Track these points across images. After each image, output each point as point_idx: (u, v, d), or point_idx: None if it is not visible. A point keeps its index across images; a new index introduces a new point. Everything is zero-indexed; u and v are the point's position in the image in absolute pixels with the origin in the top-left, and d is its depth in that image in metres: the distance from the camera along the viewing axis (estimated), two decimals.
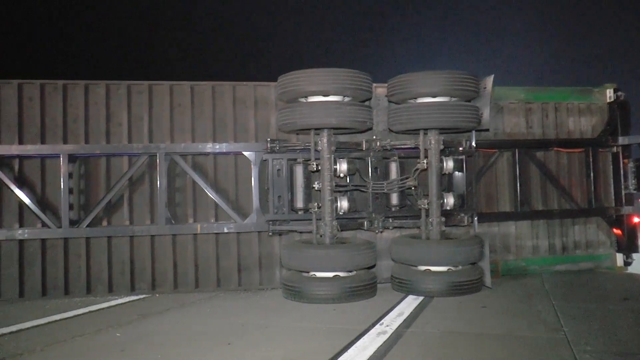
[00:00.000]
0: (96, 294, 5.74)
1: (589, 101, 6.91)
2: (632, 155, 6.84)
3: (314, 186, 5.61)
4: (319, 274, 5.29)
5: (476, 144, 6.05)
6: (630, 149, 6.85)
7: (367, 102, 5.68)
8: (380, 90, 5.99)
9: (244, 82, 5.98)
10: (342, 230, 5.64)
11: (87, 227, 5.69)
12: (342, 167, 5.60)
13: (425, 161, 5.62)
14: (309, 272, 5.35)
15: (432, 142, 5.63)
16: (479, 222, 6.16)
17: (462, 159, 6.05)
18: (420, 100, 5.53)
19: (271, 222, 5.83)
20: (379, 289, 5.50)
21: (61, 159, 5.66)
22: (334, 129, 5.51)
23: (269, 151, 5.76)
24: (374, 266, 5.67)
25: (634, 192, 6.77)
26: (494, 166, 6.63)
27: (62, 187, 5.66)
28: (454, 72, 5.41)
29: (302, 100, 5.44)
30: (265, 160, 5.82)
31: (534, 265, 6.62)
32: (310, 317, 4.52)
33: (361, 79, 5.34)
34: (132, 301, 5.54)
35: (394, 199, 5.99)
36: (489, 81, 5.69)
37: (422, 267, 5.47)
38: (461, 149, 5.98)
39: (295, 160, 5.83)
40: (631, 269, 6.77)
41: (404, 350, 3.51)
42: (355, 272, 5.38)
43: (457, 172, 6.11)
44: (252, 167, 5.85)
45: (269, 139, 5.75)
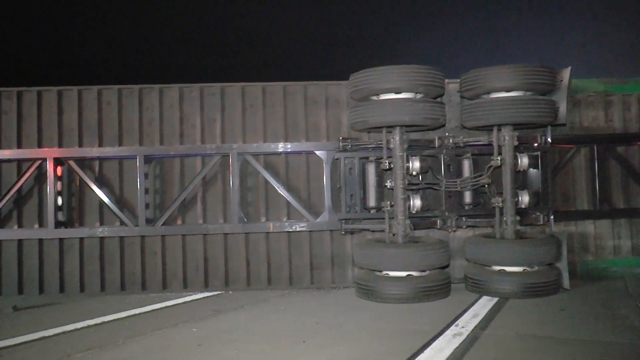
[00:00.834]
0: (172, 289, 6.29)
1: None
2: None
3: (386, 184, 5.89)
4: (392, 273, 5.56)
5: (552, 139, 6.17)
6: None
7: (439, 99, 5.96)
8: (452, 86, 6.23)
9: (315, 82, 6.37)
10: (414, 229, 5.89)
11: (163, 225, 6.23)
12: (415, 165, 5.85)
13: (499, 158, 5.78)
14: (381, 271, 5.63)
15: (506, 138, 5.81)
16: (555, 221, 6.27)
17: (537, 155, 6.16)
18: (493, 95, 5.73)
19: (343, 221, 6.18)
20: (453, 289, 5.72)
21: (138, 160, 6.23)
22: (406, 126, 5.79)
23: (341, 150, 6.11)
24: (447, 266, 5.90)
25: None
26: (570, 162, 6.75)
27: (138, 187, 6.23)
28: (528, 65, 5.56)
29: (374, 98, 5.75)
30: (337, 159, 6.17)
31: (616, 266, 6.70)
32: (383, 316, 4.67)
33: (433, 75, 5.60)
34: (206, 297, 6.01)
35: (467, 197, 6.20)
36: (566, 73, 5.83)
37: (497, 268, 5.66)
38: (536, 144, 6.11)
39: (367, 158, 6.15)
40: None
41: (481, 352, 3.54)
42: (428, 271, 5.62)
43: (532, 169, 6.23)
44: (323, 165, 6.23)
45: (341, 138, 6.10)
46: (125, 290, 6.29)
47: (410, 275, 5.52)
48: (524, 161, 5.99)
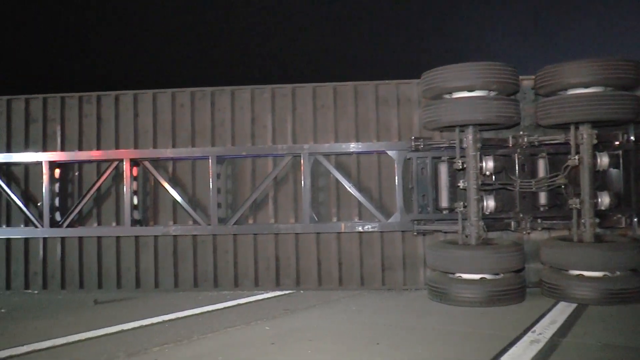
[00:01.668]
0: (243, 287, 6.76)
1: None
2: None
3: (459, 185, 6.11)
4: (465, 276, 5.75)
5: (635, 137, 6.21)
6: None
7: (513, 96, 6.16)
8: (526, 82, 6.40)
9: (386, 81, 6.72)
10: (488, 230, 6.08)
11: (235, 224, 6.72)
12: (488, 164, 6.05)
13: (576, 157, 5.87)
14: (454, 273, 5.84)
15: (585, 136, 5.89)
16: (638, 224, 6.30)
17: (618, 155, 6.18)
18: (571, 91, 5.83)
19: (415, 222, 6.49)
20: (527, 293, 5.84)
21: (210, 160, 6.76)
22: (480, 125, 6.01)
23: (413, 149, 6.43)
24: (522, 269, 6.05)
25: None
26: None
27: (211, 187, 6.76)
28: (609, 59, 5.63)
29: (447, 96, 6.03)
30: (409, 158, 6.50)
31: None
32: (456, 320, 4.77)
33: (507, 72, 5.79)
34: (278, 296, 6.41)
35: (543, 198, 6.33)
36: None
37: (575, 272, 5.71)
38: (617, 143, 6.15)
39: (439, 158, 6.42)
40: None
41: None
42: (502, 275, 5.76)
43: (612, 169, 6.27)
44: (395, 165, 6.56)
45: (413, 137, 6.43)
46: (197, 287, 6.81)
47: (483, 278, 5.68)
48: (603, 160, 6.05)
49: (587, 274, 5.60)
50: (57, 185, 7.16)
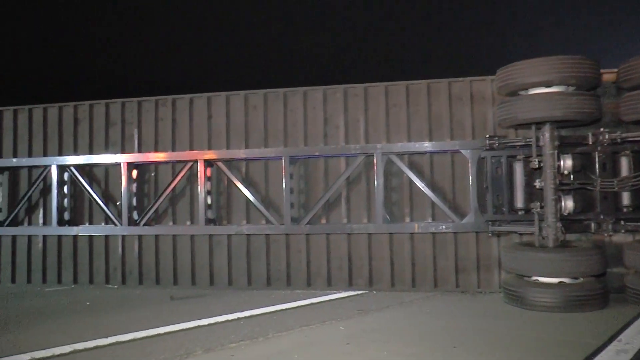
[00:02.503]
0: (316, 287, 7.17)
1: None
2: None
3: (536, 184, 6.22)
4: (542, 280, 5.84)
5: None
6: None
7: (593, 91, 6.23)
8: (608, 76, 6.46)
9: (460, 78, 6.99)
10: (566, 232, 6.17)
11: (307, 224, 7.15)
12: (567, 163, 6.12)
13: None
14: (531, 276, 5.95)
15: None
16: None
17: None
18: None
19: (490, 223, 6.69)
20: (610, 300, 5.85)
21: (283, 160, 7.23)
22: (557, 122, 6.12)
23: (488, 148, 6.64)
24: (603, 274, 6.08)
25: None
26: None
27: (284, 187, 7.23)
28: None
29: (523, 92, 6.19)
30: (483, 157, 6.73)
31: None
32: (534, 325, 4.81)
33: (587, 66, 5.85)
34: (350, 296, 6.74)
35: (626, 198, 6.34)
36: None
37: None
38: None
39: (515, 157, 6.60)
40: None
41: None
42: (582, 279, 5.80)
43: None
44: (469, 165, 6.81)
45: (488, 136, 6.65)
46: (270, 285, 7.28)
47: (562, 282, 5.74)
48: None
49: None
50: (134, 185, 7.84)
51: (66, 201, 8.08)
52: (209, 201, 7.53)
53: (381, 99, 7.16)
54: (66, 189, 8.08)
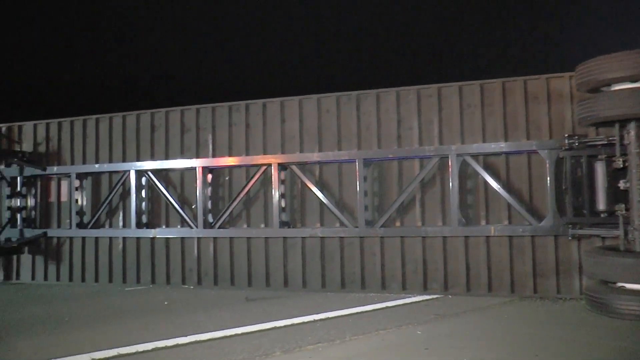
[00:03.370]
0: (391, 290, 7.38)
1: None
2: None
3: (620, 185, 6.17)
4: (629, 286, 5.73)
5: None
6: None
7: None
8: None
9: (536, 76, 7.05)
10: None
11: (382, 227, 7.38)
12: None
13: None
14: (615, 282, 5.87)
15: None
16: None
17: None
18: None
19: (570, 226, 6.68)
20: None
21: (357, 163, 7.51)
22: None
23: (567, 148, 6.66)
24: None
25: None
26: None
27: (358, 189, 7.51)
28: None
29: (605, 89, 6.15)
30: (561, 158, 6.74)
31: None
32: (619, 335, 4.77)
33: None
34: (426, 300, 6.90)
35: None
36: None
37: None
38: None
39: (596, 157, 6.55)
40: None
41: None
42: None
43: None
44: (547, 165, 6.85)
45: (567, 135, 6.68)
46: (344, 288, 7.55)
47: None
48: None
49: None
50: (209, 189, 8.31)
51: (144, 204, 8.65)
52: (283, 204, 7.89)
53: (455, 100, 7.32)
54: (144, 193, 8.65)
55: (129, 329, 5.58)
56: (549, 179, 6.83)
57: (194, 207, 8.20)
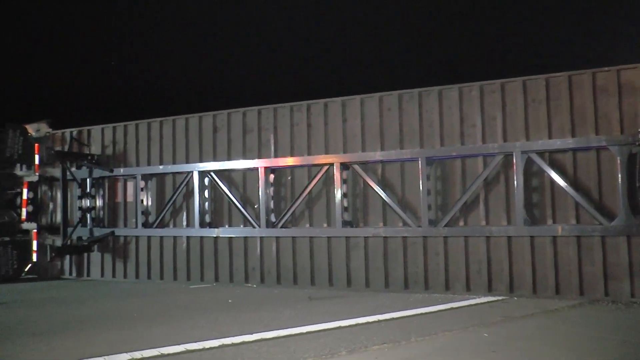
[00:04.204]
0: (454, 291, 7.48)
1: None
2: None
3: None
4: None
5: None
6: None
7: None
8: None
9: (606, 68, 6.96)
10: None
11: (445, 226, 7.50)
12: None
13: None
14: None
15: None
16: None
17: None
18: None
19: None
20: None
21: (419, 162, 7.66)
22: None
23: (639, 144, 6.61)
24: None
25: None
26: None
27: (420, 188, 7.65)
28: None
29: None
30: (634, 154, 6.68)
31: None
32: None
33: None
34: (491, 302, 6.94)
35: None
36: None
37: None
38: None
39: None
40: None
41: None
42: None
43: None
44: (617, 162, 6.79)
45: (639, 130, 6.62)
46: (408, 288, 7.71)
47: None
48: None
49: None
50: (271, 189, 8.62)
51: (207, 204, 9.08)
52: (345, 204, 8.11)
53: (519, 95, 7.35)
54: (207, 193, 9.07)
55: (195, 326, 5.87)
56: (620, 176, 6.77)
57: (256, 206, 8.54)
